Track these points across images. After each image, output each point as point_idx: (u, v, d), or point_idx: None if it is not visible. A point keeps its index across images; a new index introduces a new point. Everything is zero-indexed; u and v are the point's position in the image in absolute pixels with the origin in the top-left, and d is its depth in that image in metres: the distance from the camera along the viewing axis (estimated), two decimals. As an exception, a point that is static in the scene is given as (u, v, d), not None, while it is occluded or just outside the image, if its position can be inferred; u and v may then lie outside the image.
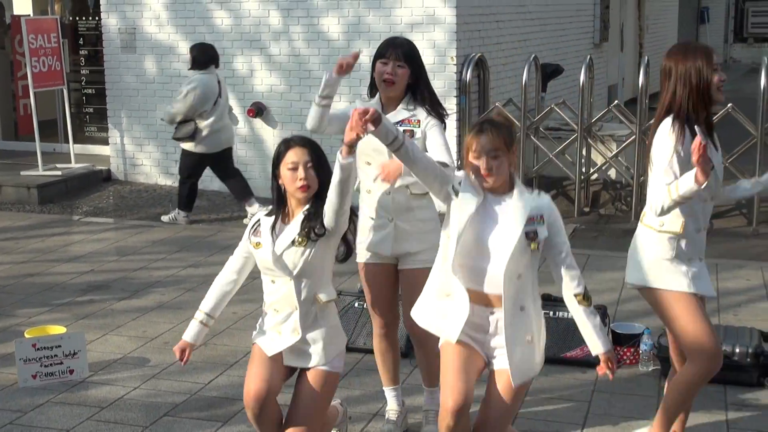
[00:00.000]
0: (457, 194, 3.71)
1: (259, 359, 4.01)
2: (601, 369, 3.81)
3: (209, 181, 10.41)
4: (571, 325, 5.54)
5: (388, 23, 9.52)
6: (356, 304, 5.82)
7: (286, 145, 4.04)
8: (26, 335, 5.46)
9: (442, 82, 9.40)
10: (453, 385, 3.78)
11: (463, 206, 3.71)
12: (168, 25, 10.41)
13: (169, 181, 10.69)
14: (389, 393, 4.71)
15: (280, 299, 4.00)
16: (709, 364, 4.03)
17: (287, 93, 10.03)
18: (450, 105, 9.41)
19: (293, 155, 3.98)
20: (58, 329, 5.58)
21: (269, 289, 4.05)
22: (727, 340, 5.18)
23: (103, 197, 10.36)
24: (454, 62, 9.36)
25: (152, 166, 10.81)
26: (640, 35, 16.72)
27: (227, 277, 4.16)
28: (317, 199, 4.02)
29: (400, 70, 4.36)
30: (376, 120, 3.60)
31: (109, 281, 7.23)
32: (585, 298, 3.77)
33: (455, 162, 4.41)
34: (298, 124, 10.03)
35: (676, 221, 4.06)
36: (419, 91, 4.43)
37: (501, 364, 3.76)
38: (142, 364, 5.59)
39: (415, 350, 4.62)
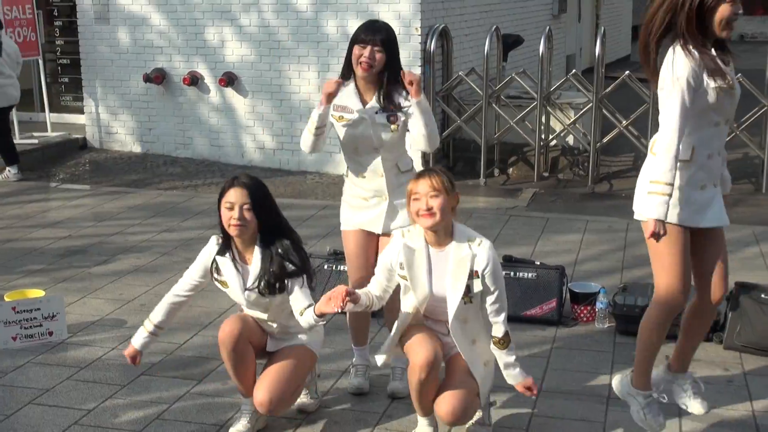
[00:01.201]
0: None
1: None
2: (524, 392, 4.00)
3: (183, 147, 10.35)
4: (530, 285, 5.59)
5: (354, -5, 9.45)
6: (326, 266, 5.82)
7: (230, 183, 4.03)
8: (6, 298, 5.41)
9: (407, 53, 9.35)
10: (422, 342, 3.83)
11: (416, 260, 3.89)
12: (140, -3, 10.27)
13: (144, 148, 10.60)
14: (358, 352, 4.72)
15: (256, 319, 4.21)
16: (667, 300, 3.85)
17: (257, 63, 9.95)
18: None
19: (232, 195, 3.99)
20: (37, 293, 5.54)
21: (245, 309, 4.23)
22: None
23: (80, 164, 10.26)
24: (419, 33, 9.31)
25: (127, 134, 10.71)
26: (596, 7, 16.71)
27: (178, 296, 4.24)
28: (264, 243, 4.04)
29: (378, 54, 4.28)
30: (355, 300, 3.84)
31: (87, 246, 7.17)
32: (501, 342, 3.92)
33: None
34: (269, 93, 9.97)
35: (685, 149, 3.70)
36: (394, 74, 4.35)
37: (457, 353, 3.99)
38: (119, 325, 5.57)
39: (385, 312, 4.61)
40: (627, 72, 9.23)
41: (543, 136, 9.44)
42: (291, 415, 4.36)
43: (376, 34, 4.29)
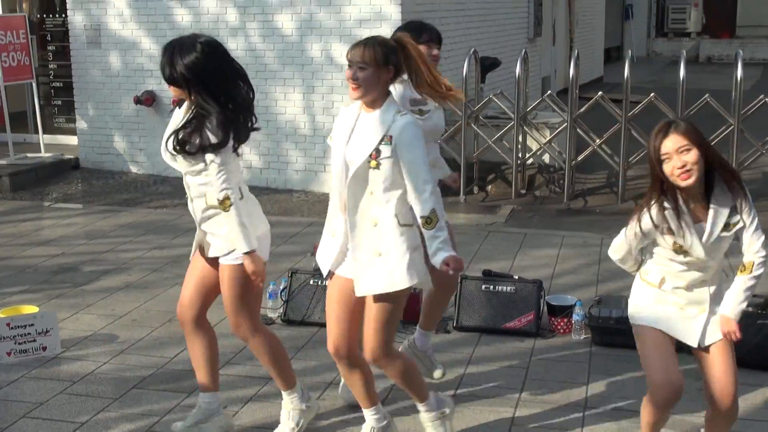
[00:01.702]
0: None
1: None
2: (445, 269, 3.62)
3: (173, 168, 10.31)
4: (509, 299, 5.61)
5: (338, 20, 9.48)
6: (311, 281, 5.81)
7: None
8: (0, 314, 5.38)
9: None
10: (329, 330, 3.92)
11: (343, 121, 3.84)
12: (131, 22, 10.27)
13: (135, 168, 10.57)
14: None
15: None
16: (657, 393, 3.65)
17: (245, 85, 9.94)
18: (396, 96, 9.40)
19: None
20: (31, 309, 5.50)
21: None
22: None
23: (72, 184, 10.21)
24: (400, 56, 9.33)
25: (118, 155, 10.68)
26: (570, 30, 16.82)
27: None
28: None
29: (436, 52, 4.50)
30: None
31: (79, 263, 7.14)
32: (427, 221, 3.64)
33: None
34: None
35: (655, 275, 3.72)
36: None
37: (346, 272, 3.84)
38: (111, 340, 5.54)
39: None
40: (600, 93, 9.29)
41: (520, 155, 9.48)
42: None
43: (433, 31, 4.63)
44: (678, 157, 3.44)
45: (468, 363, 5.16)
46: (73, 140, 11.17)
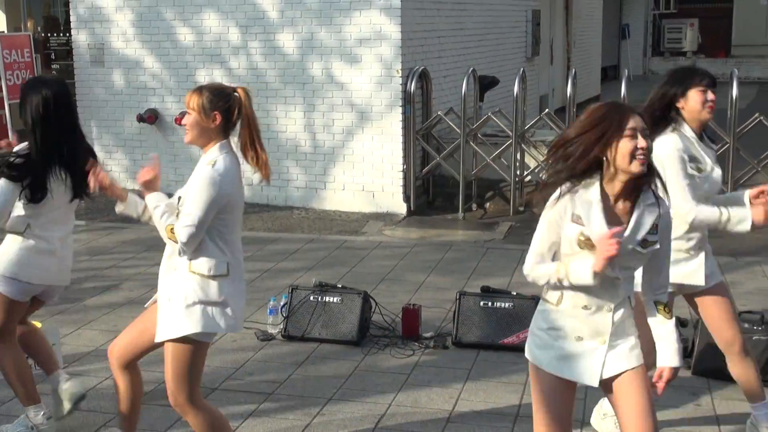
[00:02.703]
0: None
1: None
2: None
3: (175, 184, 10.31)
4: (507, 315, 5.60)
5: (338, 39, 9.50)
6: (311, 298, 5.80)
7: None
8: None
9: (389, 93, 9.41)
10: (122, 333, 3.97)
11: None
12: (134, 41, 10.30)
13: (138, 186, 10.56)
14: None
15: None
16: None
17: (246, 103, 9.97)
18: (396, 114, 9.43)
19: None
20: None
21: None
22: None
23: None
24: (400, 75, 9.37)
25: (121, 172, 10.68)
26: (567, 50, 16.88)
27: None
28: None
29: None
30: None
31: (82, 279, 7.13)
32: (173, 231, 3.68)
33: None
34: (257, 132, 9.98)
35: (553, 293, 3.26)
36: None
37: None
38: (112, 355, 5.52)
39: None
40: (597, 111, 9.29)
41: (518, 172, 9.49)
42: None
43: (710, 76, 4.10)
44: (642, 138, 3.04)
45: (466, 379, 5.14)
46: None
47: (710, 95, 4.03)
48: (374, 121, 9.53)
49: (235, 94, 3.72)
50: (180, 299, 3.65)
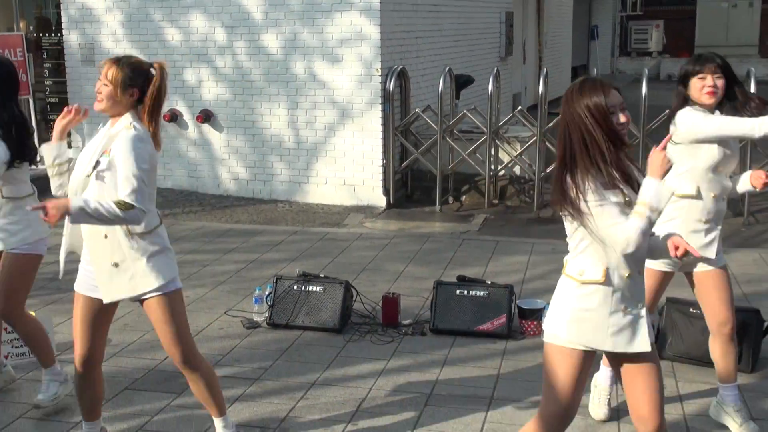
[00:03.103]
0: None
1: None
2: None
3: (163, 179, 10.29)
4: (482, 303, 5.62)
5: (321, 39, 9.49)
6: (295, 287, 5.80)
7: None
8: (-2, 320, 5.34)
9: (369, 91, 9.41)
10: (76, 337, 3.83)
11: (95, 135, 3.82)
12: (124, 41, 10.24)
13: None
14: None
15: None
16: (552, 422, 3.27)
17: (232, 101, 9.95)
18: (376, 111, 9.43)
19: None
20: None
21: None
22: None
23: (67, 195, 10.14)
24: (379, 74, 9.37)
25: (111, 167, 10.62)
26: (539, 50, 16.92)
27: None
28: None
29: (719, 81, 4.01)
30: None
31: (74, 270, 7.07)
32: (119, 205, 3.48)
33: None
34: (242, 129, 9.96)
35: (594, 270, 3.14)
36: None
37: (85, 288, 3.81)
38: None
39: None
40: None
41: (492, 167, 9.52)
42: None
43: (715, 60, 4.02)
44: (622, 113, 3.05)
45: (443, 364, 5.16)
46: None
47: (709, 80, 3.99)
48: (355, 118, 9.53)
49: (152, 70, 3.68)
50: (132, 261, 3.64)
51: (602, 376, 4.43)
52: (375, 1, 9.28)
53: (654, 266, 4.16)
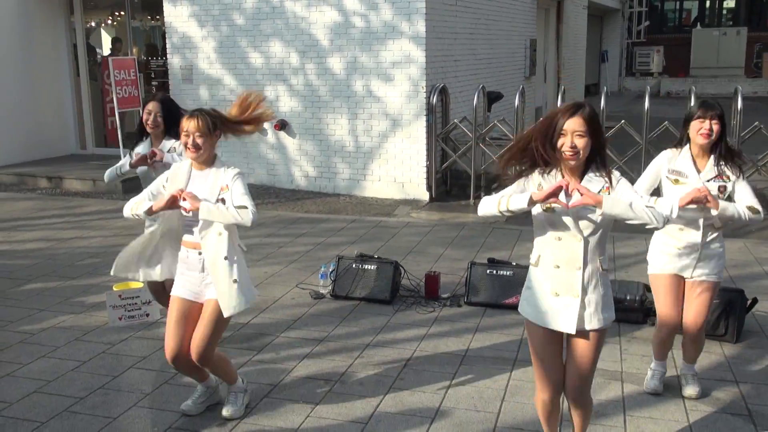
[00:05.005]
0: None
1: None
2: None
3: (247, 176, 10.35)
4: (508, 280, 5.57)
5: (376, 62, 9.47)
6: (353, 266, 5.81)
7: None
8: (114, 288, 5.43)
9: (415, 105, 9.37)
10: (168, 335, 3.71)
11: (177, 176, 3.73)
12: (216, 63, 10.32)
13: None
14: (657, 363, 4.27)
15: None
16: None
17: (303, 113, 9.98)
18: (421, 122, 9.38)
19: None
20: (137, 284, 5.53)
21: None
22: (620, 290, 5.19)
23: (170, 188, 10.26)
24: (424, 90, 9.32)
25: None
26: (558, 71, 16.69)
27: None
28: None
29: (716, 127, 3.80)
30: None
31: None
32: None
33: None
34: (312, 135, 9.99)
35: (533, 254, 3.19)
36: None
37: (210, 294, 3.69)
38: (198, 309, 5.55)
39: None
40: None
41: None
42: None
43: (715, 109, 3.82)
44: (572, 138, 2.93)
45: (476, 331, 5.13)
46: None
47: (706, 124, 3.83)
48: (404, 127, 9.50)
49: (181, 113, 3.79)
50: (237, 274, 3.67)
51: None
52: (421, 31, 9.22)
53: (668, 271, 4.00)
